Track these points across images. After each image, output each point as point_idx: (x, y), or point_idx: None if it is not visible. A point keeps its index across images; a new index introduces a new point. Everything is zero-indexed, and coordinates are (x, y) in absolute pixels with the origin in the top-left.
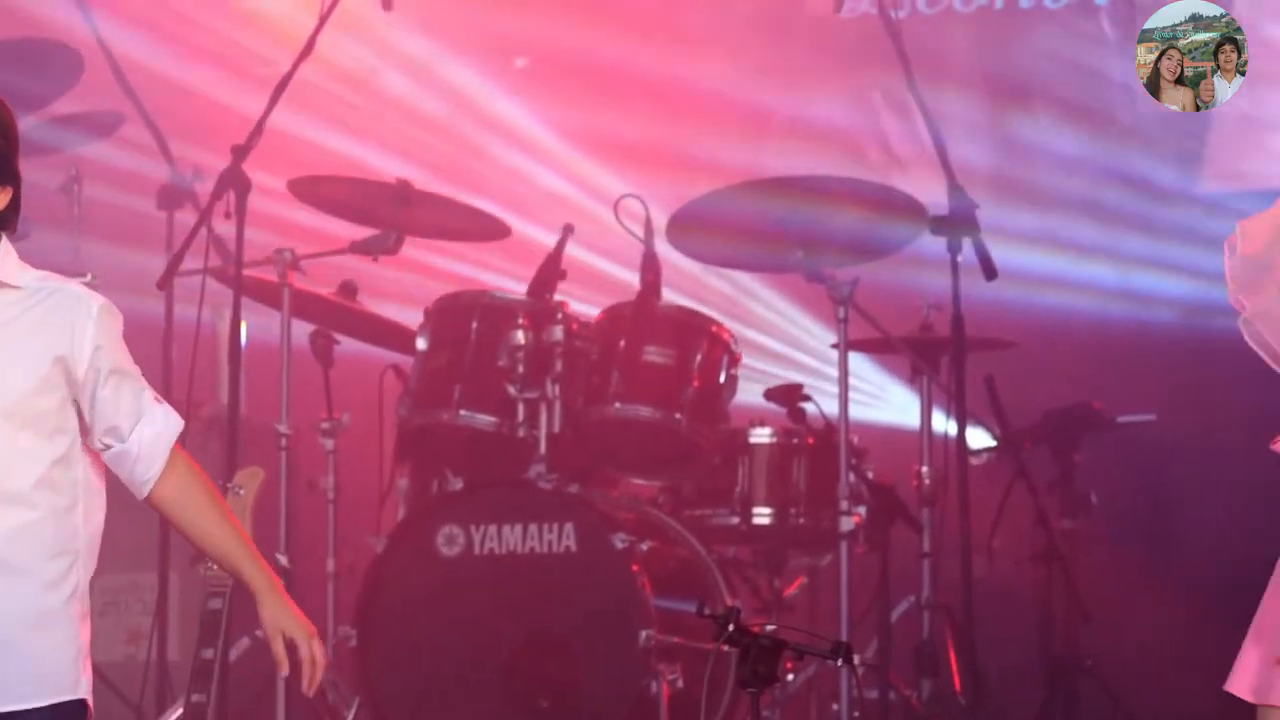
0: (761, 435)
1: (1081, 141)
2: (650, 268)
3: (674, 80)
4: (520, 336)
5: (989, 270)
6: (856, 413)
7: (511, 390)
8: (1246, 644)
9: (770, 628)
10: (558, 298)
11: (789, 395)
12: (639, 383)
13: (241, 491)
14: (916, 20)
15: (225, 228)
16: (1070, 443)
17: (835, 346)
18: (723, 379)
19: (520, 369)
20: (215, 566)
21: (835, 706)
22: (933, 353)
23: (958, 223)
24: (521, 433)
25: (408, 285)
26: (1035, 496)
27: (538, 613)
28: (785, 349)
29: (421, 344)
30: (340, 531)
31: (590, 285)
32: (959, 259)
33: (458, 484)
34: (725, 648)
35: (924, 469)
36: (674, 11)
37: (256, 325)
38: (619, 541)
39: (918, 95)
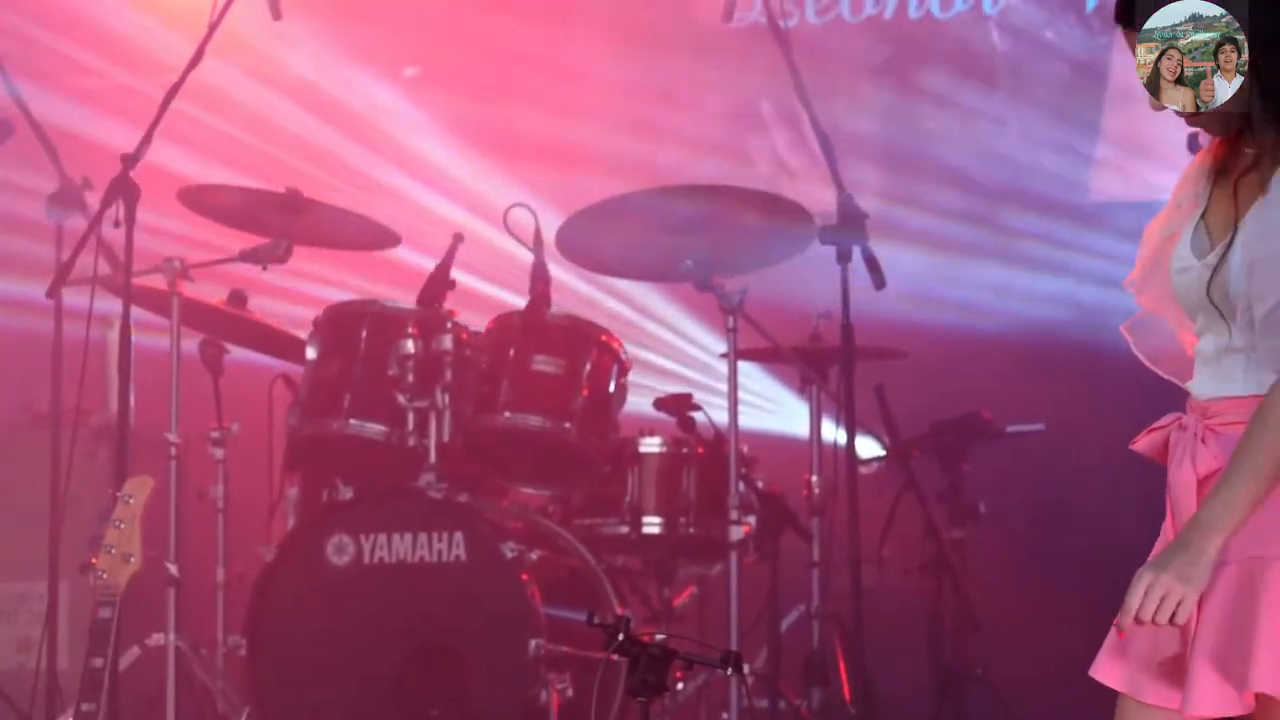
0: (651, 445)
1: (970, 151)
2: (539, 277)
3: (563, 89)
4: (410, 345)
5: (878, 280)
6: (746, 422)
7: (401, 399)
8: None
9: (660, 637)
10: (447, 307)
11: (678, 404)
12: (528, 392)
13: (131, 500)
14: (806, 30)
15: (114, 236)
16: (959, 452)
17: (724, 356)
18: (612, 388)
19: (410, 378)
20: (105, 575)
21: (725, 716)
22: (822, 362)
23: (847, 232)
24: (411, 442)
25: (297, 294)
26: (924, 506)
27: (427, 622)
28: (675, 358)
29: (311, 353)
30: (230, 541)
31: (480, 294)
32: (848, 268)
33: (347, 493)
34: (615, 657)
35: (814, 478)
36: (562, 21)
37: (146, 334)
38: (508, 551)
39: (807, 104)
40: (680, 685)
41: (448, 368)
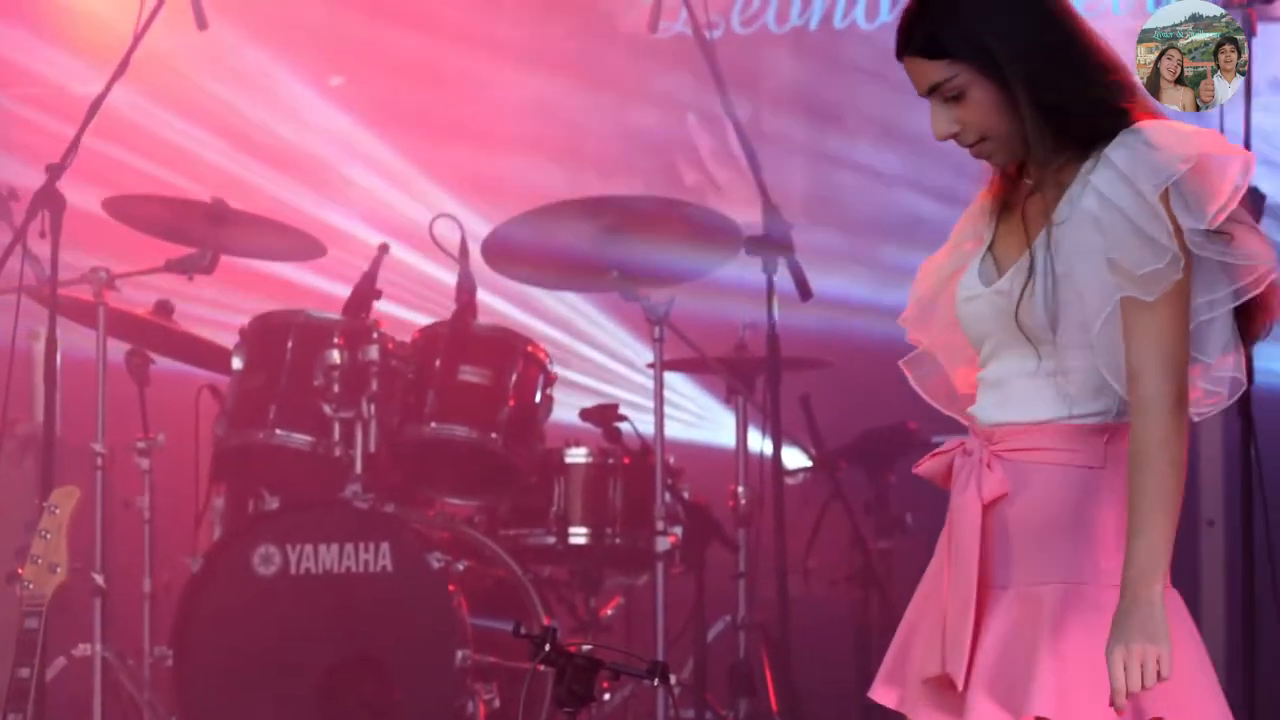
0: (577, 455)
1: (896, 161)
2: (465, 287)
3: (490, 99)
4: (335, 356)
5: (804, 290)
6: (673, 432)
7: (327, 410)
8: (896, 652)
9: (586, 647)
10: (373, 317)
11: (604, 415)
12: (455, 402)
13: (57, 511)
14: (731, 40)
15: (40, 246)
16: (885, 463)
17: (651, 366)
18: (538, 398)
19: (336, 388)
20: (32, 585)
21: None
22: (748, 373)
23: (772, 243)
24: (337, 452)
25: (223, 304)
26: (851, 517)
27: (354, 632)
28: (602, 369)
29: (237, 363)
30: (156, 551)
31: (406, 305)
32: (774, 279)
33: (274, 504)
34: (541, 667)
35: (740, 489)
36: (488, 30)
37: (72, 344)
38: (435, 561)
39: (732, 115)
40: (607, 696)
41: (374, 378)
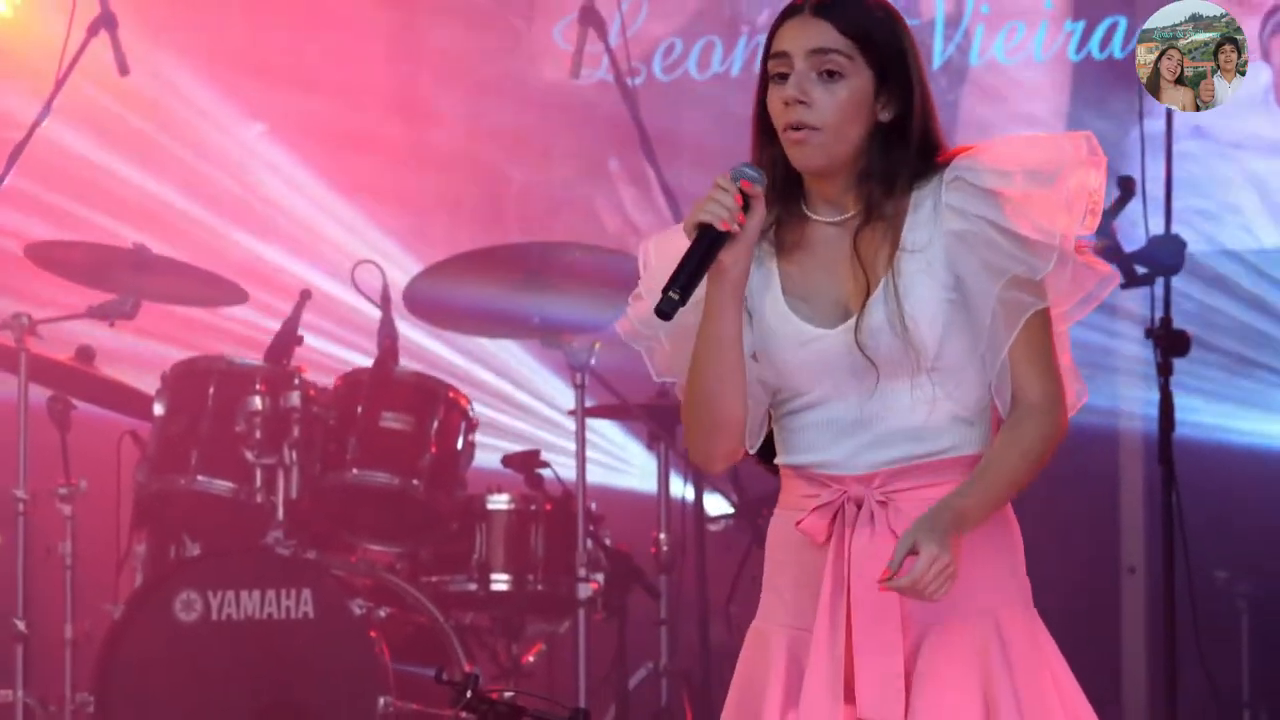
0: (499, 502)
1: None
2: (387, 334)
3: (412, 145)
4: (257, 402)
5: None
6: (596, 478)
7: (249, 456)
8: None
9: (508, 694)
10: (295, 363)
11: (526, 462)
12: (376, 449)
13: None
14: (653, 87)
15: None
16: None
17: (572, 413)
18: (460, 445)
19: (257, 435)
20: None
21: None
22: (670, 419)
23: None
24: (259, 499)
25: (145, 350)
26: None
27: (276, 679)
28: (524, 415)
29: (159, 409)
30: (78, 597)
31: (328, 351)
32: None
33: (195, 550)
34: (464, 714)
35: (662, 535)
36: (411, 75)
37: None
38: (357, 608)
39: (654, 162)
40: None
41: (295, 424)
